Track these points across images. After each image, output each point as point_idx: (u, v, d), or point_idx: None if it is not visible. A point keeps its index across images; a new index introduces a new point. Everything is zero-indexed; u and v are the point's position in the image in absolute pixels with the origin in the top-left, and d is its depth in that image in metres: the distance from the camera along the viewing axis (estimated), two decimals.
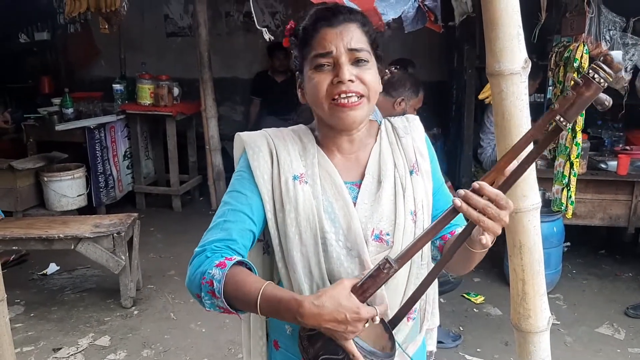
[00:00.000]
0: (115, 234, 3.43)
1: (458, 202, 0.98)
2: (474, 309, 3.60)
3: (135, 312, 3.54)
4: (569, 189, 3.53)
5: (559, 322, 3.37)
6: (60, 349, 3.14)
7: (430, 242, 1.16)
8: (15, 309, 3.54)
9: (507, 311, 3.47)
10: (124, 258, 3.46)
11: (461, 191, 0.99)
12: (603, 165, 3.89)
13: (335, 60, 1.12)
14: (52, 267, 4.13)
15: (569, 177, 3.49)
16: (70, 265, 4.16)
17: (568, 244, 4.04)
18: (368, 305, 1.02)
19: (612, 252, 4.39)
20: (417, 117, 1.34)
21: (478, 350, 3.16)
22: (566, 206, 3.55)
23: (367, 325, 1.00)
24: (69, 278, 4.03)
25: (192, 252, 1.12)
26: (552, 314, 1.52)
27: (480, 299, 3.68)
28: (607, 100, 0.93)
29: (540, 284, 1.47)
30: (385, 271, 1.00)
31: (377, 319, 1.01)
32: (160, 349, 3.15)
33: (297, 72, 1.23)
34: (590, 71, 0.91)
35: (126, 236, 3.52)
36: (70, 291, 3.83)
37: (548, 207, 3.64)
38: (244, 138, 1.24)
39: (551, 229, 3.60)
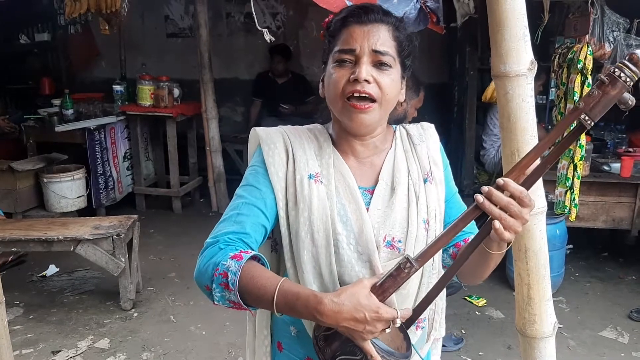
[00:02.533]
0: (114, 236, 3.41)
1: (480, 198, 0.97)
2: (476, 312, 3.57)
3: (135, 315, 3.52)
4: (573, 192, 3.51)
5: (562, 326, 3.34)
6: (60, 351, 3.12)
7: (441, 250, 1.14)
8: (14, 311, 3.52)
9: (509, 314, 3.45)
10: (123, 260, 3.44)
11: (485, 188, 0.97)
12: (606, 168, 3.86)
13: (357, 58, 1.11)
14: (52, 269, 4.11)
15: (573, 179, 3.47)
16: (69, 267, 4.14)
17: (571, 246, 4.01)
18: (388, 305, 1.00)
19: (615, 255, 4.37)
20: (432, 125, 1.33)
21: (480, 353, 3.13)
22: (569, 209, 3.53)
23: (388, 330, 0.98)
24: (68, 280, 4.01)
25: (192, 254, 1.10)
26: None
27: (482, 302, 3.66)
28: (631, 99, 0.92)
29: (546, 289, 1.44)
30: (406, 270, 0.98)
31: (399, 322, 0.99)
32: (160, 351, 3.13)
33: (323, 65, 1.22)
34: (616, 70, 0.90)
35: (126, 238, 3.50)
36: (70, 293, 3.81)
37: (551, 210, 3.61)
38: (260, 133, 1.23)
39: (554, 232, 3.58)
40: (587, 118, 0.92)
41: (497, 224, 0.97)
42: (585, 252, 4.34)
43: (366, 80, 1.09)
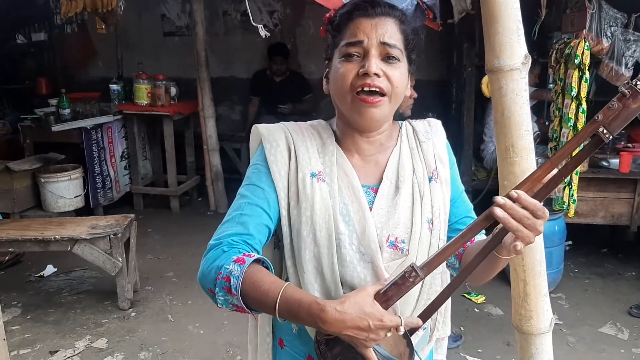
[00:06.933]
0: (111, 235, 3.40)
1: (499, 212, 0.94)
2: (475, 309, 3.56)
3: (133, 314, 3.51)
4: (571, 187, 3.50)
5: (561, 322, 3.34)
6: (57, 351, 3.11)
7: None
8: (12, 312, 3.51)
9: (508, 311, 3.42)
10: (120, 259, 3.43)
11: (500, 199, 0.95)
12: (605, 163, 3.85)
13: (365, 52, 1.09)
14: (49, 269, 4.10)
15: (571, 175, 3.46)
16: (67, 266, 4.13)
17: (570, 242, 4.00)
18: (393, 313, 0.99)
19: (614, 251, 4.35)
20: (439, 122, 1.30)
21: (479, 350, 3.12)
22: (568, 205, 3.52)
23: (389, 334, 0.97)
24: (65, 280, 4.00)
25: (190, 253, 1.09)
26: (554, 314, 1.48)
27: (481, 299, 3.64)
28: None
29: (542, 285, 1.44)
30: (411, 279, 0.97)
31: (402, 329, 0.98)
32: (158, 351, 3.12)
33: (326, 62, 1.20)
34: (638, 82, 0.88)
35: (123, 237, 3.48)
36: (67, 293, 3.80)
37: (550, 206, 3.60)
38: (262, 131, 1.21)
39: (552, 228, 3.57)
40: (605, 131, 0.90)
41: (511, 236, 0.96)
42: (584, 248, 4.33)
43: (376, 74, 1.07)
